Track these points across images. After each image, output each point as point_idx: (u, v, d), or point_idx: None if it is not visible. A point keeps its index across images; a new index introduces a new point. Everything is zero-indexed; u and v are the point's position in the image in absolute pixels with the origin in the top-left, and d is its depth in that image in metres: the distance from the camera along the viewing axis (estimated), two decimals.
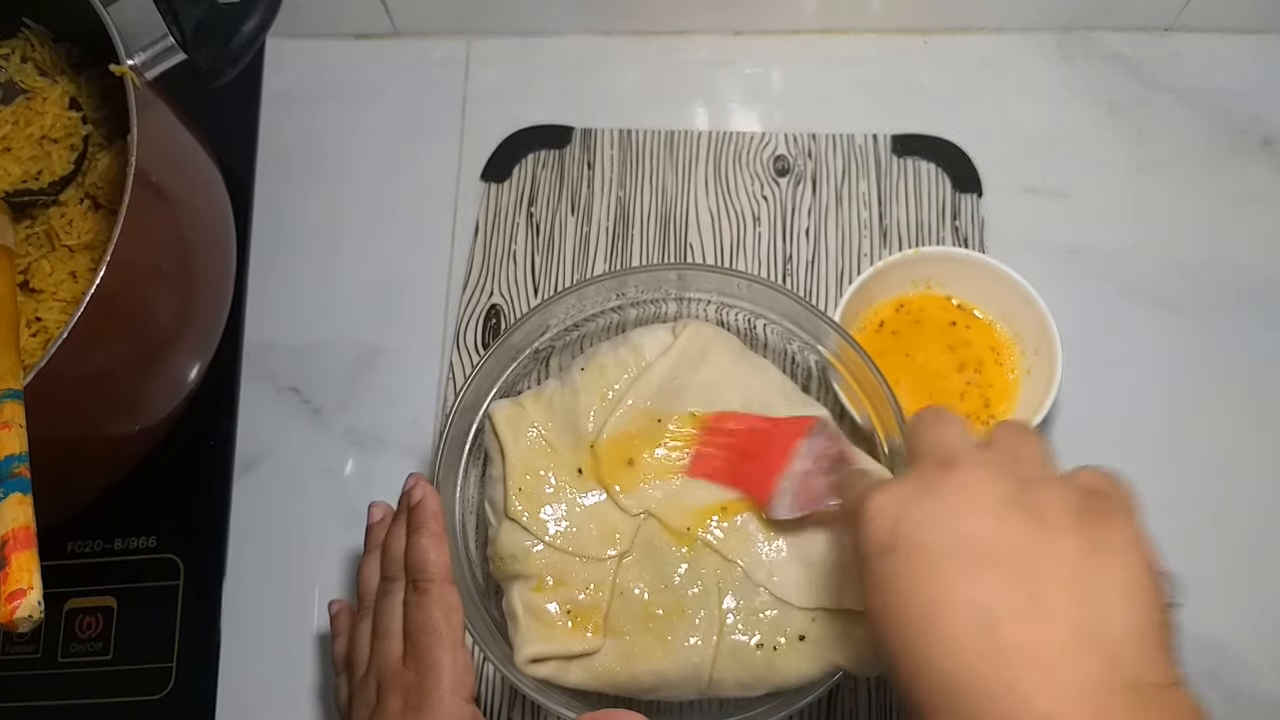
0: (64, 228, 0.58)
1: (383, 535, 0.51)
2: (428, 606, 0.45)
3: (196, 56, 0.52)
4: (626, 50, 0.71)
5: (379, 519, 0.52)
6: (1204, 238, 0.64)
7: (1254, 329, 0.62)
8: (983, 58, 0.69)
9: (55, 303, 0.55)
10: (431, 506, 0.48)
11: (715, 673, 0.48)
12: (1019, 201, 0.66)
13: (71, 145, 0.59)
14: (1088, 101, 0.68)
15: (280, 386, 0.64)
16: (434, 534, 0.47)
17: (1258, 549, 0.58)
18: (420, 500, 0.48)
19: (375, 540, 0.51)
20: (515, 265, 0.65)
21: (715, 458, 0.52)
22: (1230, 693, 0.56)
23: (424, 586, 0.46)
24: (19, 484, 0.41)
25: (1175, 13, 0.68)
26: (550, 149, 0.68)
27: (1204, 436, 0.60)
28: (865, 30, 0.70)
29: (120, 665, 0.58)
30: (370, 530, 0.52)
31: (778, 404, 0.53)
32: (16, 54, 0.60)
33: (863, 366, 0.52)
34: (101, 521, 0.60)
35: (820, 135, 0.67)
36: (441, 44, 0.71)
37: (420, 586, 0.46)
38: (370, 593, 0.50)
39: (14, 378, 0.45)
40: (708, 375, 0.53)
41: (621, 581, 0.50)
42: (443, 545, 0.47)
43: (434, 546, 0.47)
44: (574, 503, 0.51)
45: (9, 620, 0.37)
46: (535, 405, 0.53)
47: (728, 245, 0.65)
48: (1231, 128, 0.67)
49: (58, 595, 0.59)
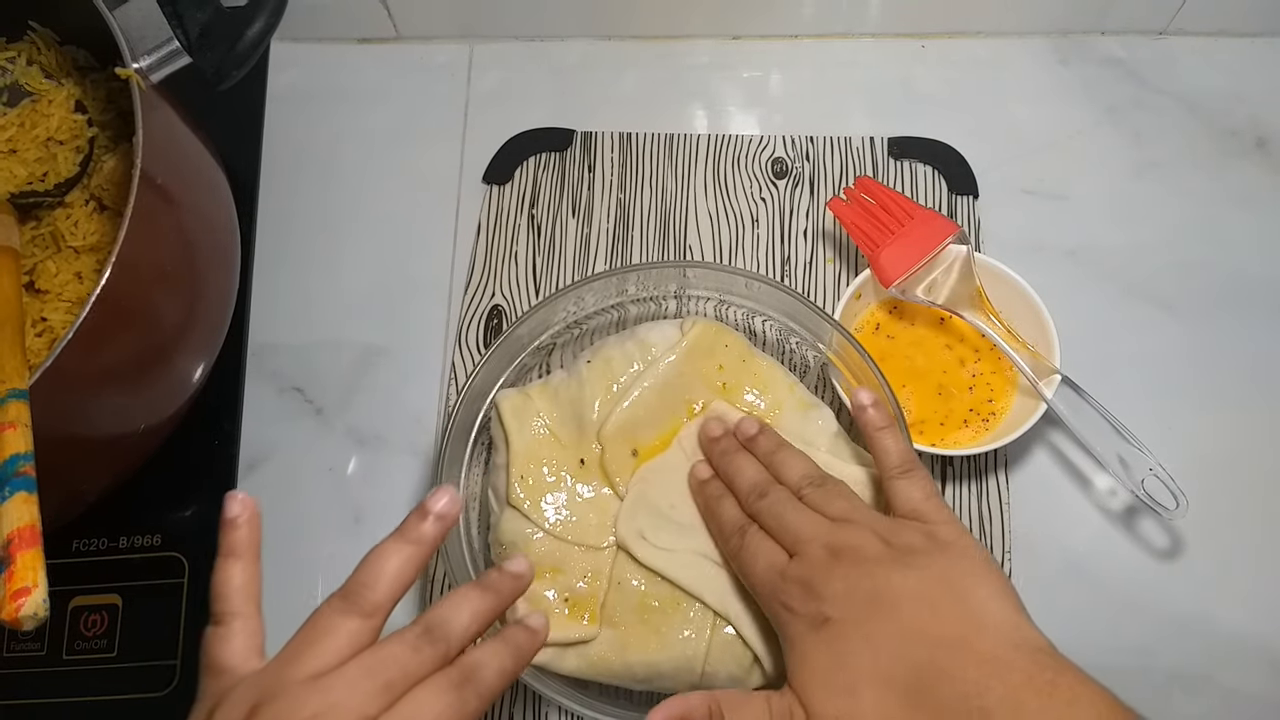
0: (69, 229, 0.58)
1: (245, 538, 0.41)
2: None
3: (201, 60, 0.53)
4: (627, 54, 0.71)
5: (238, 514, 0.41)
6: (1200, 238, 0.65)
7: (1250, 329, 0.62)
8: (980, 61, 0.70)
9: (60, 303, 0.56)
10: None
11: (708, 665, 0.49)
12: (1017, 203, 0.66)
13: (77, 147, 0.59)
14: (1084, 104, 0.68)
15: (284, 386, 0.64)
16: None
17: (1257, 548, 0.58)
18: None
19: (234, 546, 0.41)
20: (517, 266, 0.66)
21: (851, 209, 0.60)
22: (1229, 693, 0.56)
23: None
24: (24, 483, 0.41)
25: (1170, 16, 0.68)
26: (551, 152, 0.69)
27: (1200, 436, 0.60)
28: (863, 34, 0.70)
29: (125, 663, 0.58)
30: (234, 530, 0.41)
31: (785, 401, 0.54)
32: (23, 57, 0.61)
33: (863, 365, 0.53)
34: (106, 520, 0.61)
35: (818, 138, 0.68)
36: (444, 48, 0.72)
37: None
38: None
39: (19, 378, 0.45)
40: (714, 372, 0.54)
41: (618, 572, 0.50)
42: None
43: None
44: (575, 492, 0.52)
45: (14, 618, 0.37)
46: (541, 396, 0.54)
47: (727, 247, 0.66)
48: (1227, 130, 0.67)
49: (63, 593, 0.60)
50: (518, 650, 0.40)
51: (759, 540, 0.46)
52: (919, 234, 0.58)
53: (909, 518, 0.45)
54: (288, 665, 0.37)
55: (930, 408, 0.59)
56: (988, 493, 0.60)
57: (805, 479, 0.48)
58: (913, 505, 0.45)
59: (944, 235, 0.58)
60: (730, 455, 0.50)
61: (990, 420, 0.58)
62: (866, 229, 0.59)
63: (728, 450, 0.51)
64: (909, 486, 0.46)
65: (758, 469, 0.49)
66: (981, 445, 0.56)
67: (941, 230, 0.58)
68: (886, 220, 0.59)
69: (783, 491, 0.47)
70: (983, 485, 0.60)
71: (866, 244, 0.59)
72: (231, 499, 0.41)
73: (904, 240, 0.58)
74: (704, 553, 0.50)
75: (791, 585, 0.44)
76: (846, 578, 0.42)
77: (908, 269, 0.58)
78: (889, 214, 0.59)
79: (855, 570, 0.42)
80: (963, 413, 0.58)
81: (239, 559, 0.40)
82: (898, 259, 0.58)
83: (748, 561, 0.46)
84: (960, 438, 0.58)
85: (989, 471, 0.60)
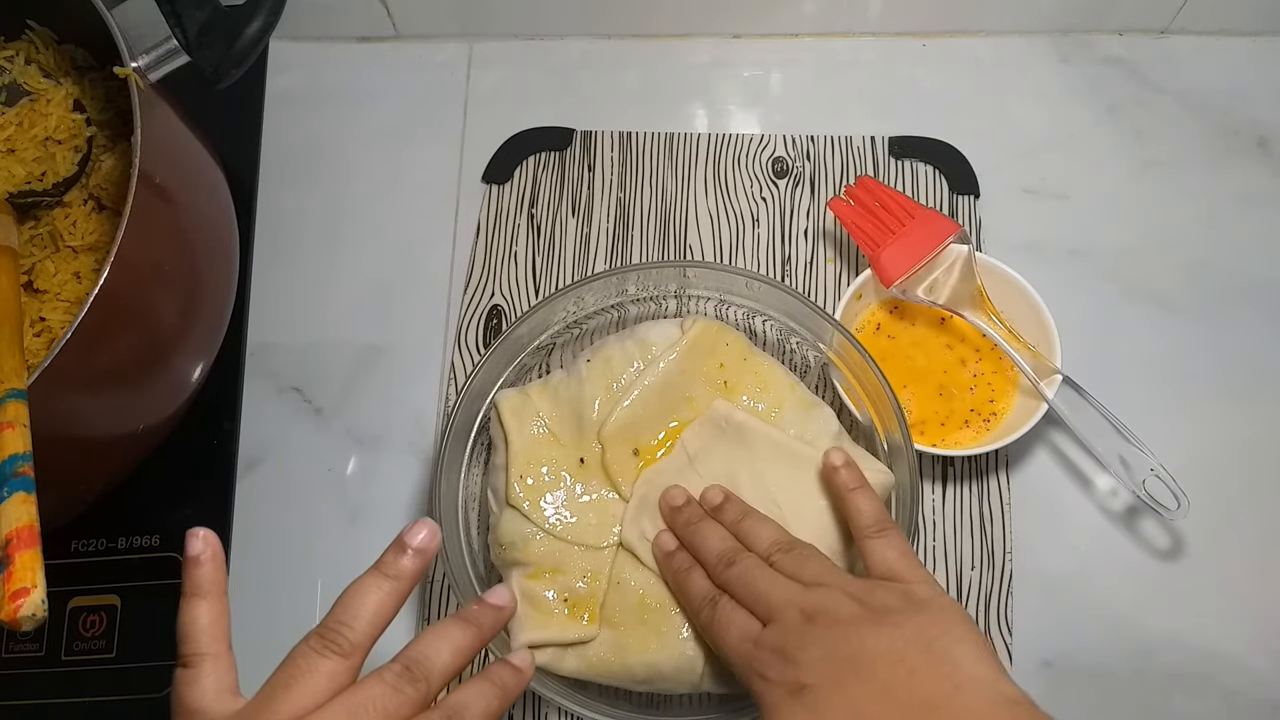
0: (68, 229, 0.58)
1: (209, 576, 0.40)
2: None
3: (200, 59, 0.52)
4: (627, 53, 0.71)
5: (200, 551, 0.40)
6: (1201, 238, 0.65)
7: (1251, 328, 0.62)
8: (981, 60, 0.70)
9: (59, 303, 0.56)
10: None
11: (708, 667, 0.49)
12: (1018, 203, 0.66)
13: (76, 147, 0.59)
14: (1086, 103, 0.68)
15: (282, 386, 0.64)
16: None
17: (1258, 548, 0.58)
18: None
19: (198, 584, 0.39)
20: (516, 266, 0.66)
21: (852, 209, 0.60)
22: (1230, 693, 0.56)
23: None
24: (23, 483, 0.41)
25: (1172, 15, 0.68)
26: (551, 151, 0.68)
27: (1201, 436, 0.60)
28: (864, 33, 0.70)
29: (123, 663, 0.58)
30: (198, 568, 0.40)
31: (786, 400, 0.54)
32: (21, 56, 0.61)
33: (864, 365, 0.53)
34: (105, 520, 0.61)
35: (819, 137, 0.68)
36: (443, 47, 0.72)
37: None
38: None
39: (18, 378, 0.45)
40: (715, 371, 0.54)
41: (618, 572, 0.50)
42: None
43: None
44: (574, 492, 0.52)
45: (13, 619, 0.37)
46: (541, 395, 0.54)
47: (727, 246, 0.65)
48: (1228, 129, 0.67)
49: (61, 594, 0.60)
50: (503, 690, 0.40)
51: (730, 610, 0.45)
52: (920, 234, 0.58)
53: (884, 578, 0.44)
54: (265, 708, 0.36)
55: (931, 408, 0.59)
56: (988, 493, 0.60)
57: (775, 545, 0.47)
58: (888, 565, 0.44)
59: (945, 235, 0.58)
60: (695, 525, 0.49)
61: (991, 420, 0.58)
62: (867, 229, 0.59)
63: (691, 520, 0.49)
64: (883, 547, 0.45)
65: (723, 536, 0.48)
66: (982, 445, 0.56)
67: (942, 230, 0.58)
68: (887, 220, 0.59)
69: (751, 558, 0.46)
70: (984, 486, 0.60)
71: (867, 244, 0.59)
72: (193, 536, 0.40)
73: (905, 240, 0.58)
74: None
75: (766, 653, 0.42)
76: (822, 642, 0.41)
77: (909, 269, 0.58)
78: (890, 214, 0.59)
79: (830, 633, 0.41)
80: (964, 413, 0.58)
81: (204, 598, 0.39)
82: (898, 259, 0.58)
83: (719, 633, 0.45)
84: (961, 438, 0.58)
85: (990, 472, 0.60)
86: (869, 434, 0.55)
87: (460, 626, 0.40)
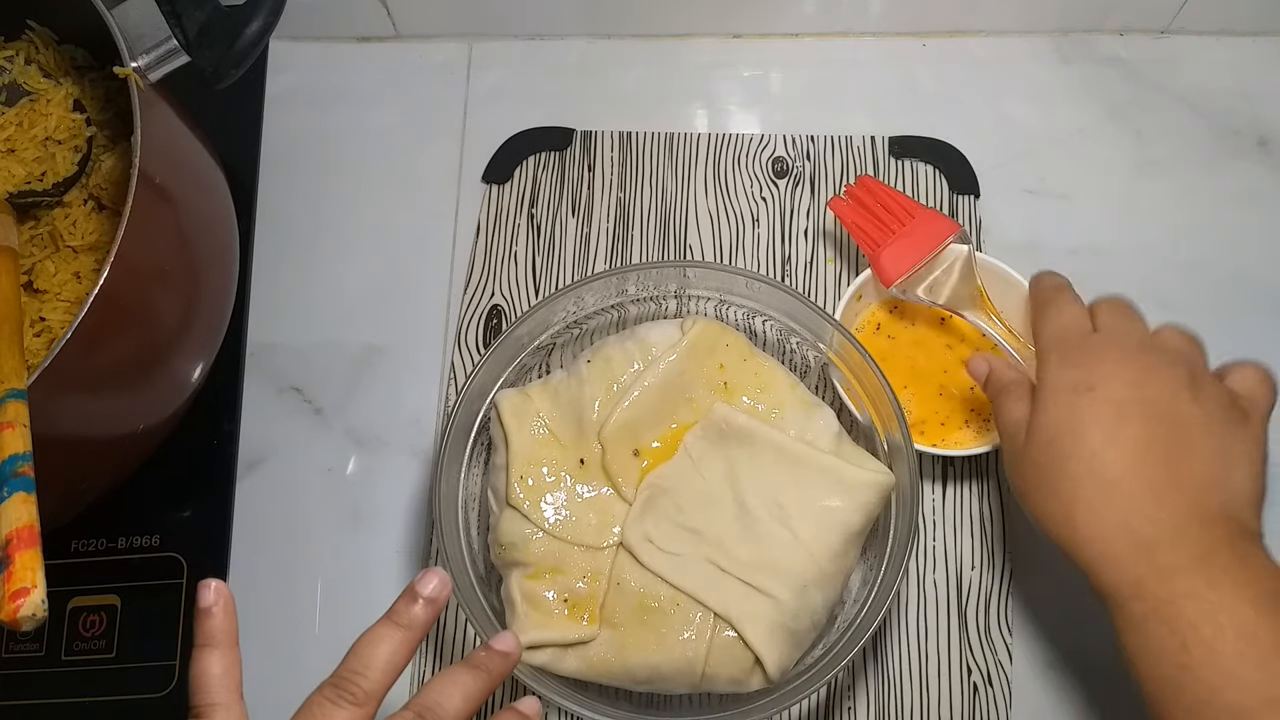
0: (68, 229, 0.58)
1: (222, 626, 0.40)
2: None
3: (200, 59, 0.52)
4: (627, 53, 0.71)
5: (213, 603, 0.40)
6: (1202, 238, 0.65)
7: (1251, 328, 0.62)
8: (981, 60, 0.69)
9: (59, 303, 0.56)
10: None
11: (708, 668, 0.49)
12: (1018, 203, 0.66)
13: (75, 147, 0.59)
14: (1086, 103, 0.68)
15: (282, 386, 0.64)
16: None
17: None
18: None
19: (210, 635, 0.40)
20: (516, 266, 0.66)
21: (852, 209, 0.60)
22: None
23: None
24: (23, 483, 0.41)
25: (1172, 15, 0.68)
26: (551, 151, 0.68)
27: None
28: (864, 33, 0.70)
29: (123, 663, 0.58)
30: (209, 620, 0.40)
31: (786, 401, 0.54)
32: (21, 56, 0.61)
33: (864, 365, 0.53)
34: (105, 520, 0.61)
35: (819, 137, 0.68)
36: (443, 47, 0.72)
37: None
38: None
39: (18, 378, 0.45)
40: (715, 371, 0.54)
41: (618, 572, 0.50)
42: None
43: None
44: (575, 492, 0.52)
45: (13, 619, 0.37)
46: (541, 395, 0.54)
47: (727, 246, 0.65)
48: (1228, 128, 0.67)
49: (61, 594, 0.59)
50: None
51: (1074, 302, 0.50)
52: (920, 233, 0.58)
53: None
54: None
55: (931, 408, 0.59)
56: (988, 493, 0.60)
57: None
58: (1248, 385, 0.47)
59: (945, 235, 0.58)
60: None
61: (991, 420, 0.58)
62: (867, 228, 0.59)
63: None
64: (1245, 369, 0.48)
65: None
66: (982, 445, 0.56)
67: (942, 230, 0.58)
68: (887, 220, 0.59)
69: None
70: (984, 485, 0.60)
71: (867, 243, 0.59)
72: (204, 588, 0.40)
73: (905, 240, 0.58)
74: (711, 558, 0.50)
75: (1084, 347, 0.47)
76: (1140, 374, 0.45)
77: (909, 269, 0.58)
78: (890, 213, 0.59)
79: (1153, 376, 0.45)
80: (964, 413, 0.58)
81: (215, 648, 0.39)
82: (898, 259, 0.58)
83: (1054, 313, 0.50)
84: (961, 438, 0.58)
85: (990, 472, 0.60)
86: (869, 434, 0.55)
87: (470, 672, 0.41)
